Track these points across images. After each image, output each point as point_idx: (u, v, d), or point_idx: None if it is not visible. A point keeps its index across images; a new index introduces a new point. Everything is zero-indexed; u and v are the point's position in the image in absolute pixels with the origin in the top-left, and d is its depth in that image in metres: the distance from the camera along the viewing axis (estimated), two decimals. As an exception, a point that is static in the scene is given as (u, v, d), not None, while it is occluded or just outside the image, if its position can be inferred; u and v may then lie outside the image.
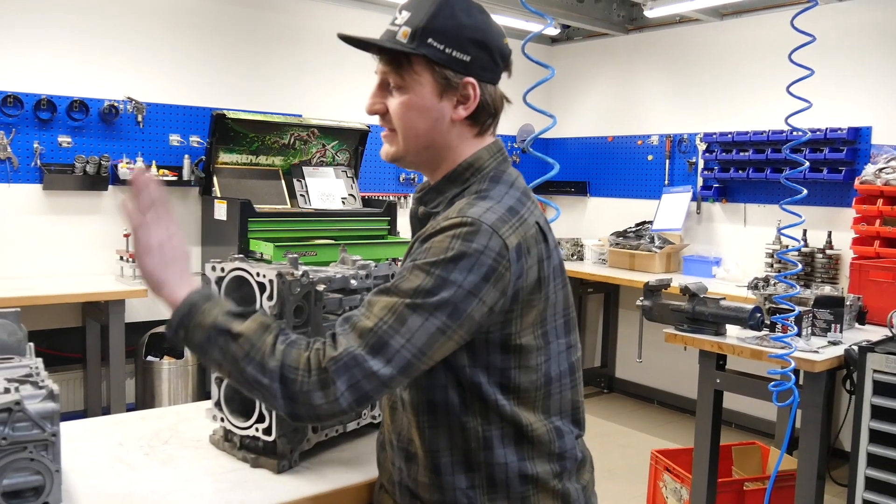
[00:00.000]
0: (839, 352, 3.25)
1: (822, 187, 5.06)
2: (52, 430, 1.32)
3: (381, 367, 1.21)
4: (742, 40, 5.60)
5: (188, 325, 1.28)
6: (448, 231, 1.25)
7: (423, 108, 1.36)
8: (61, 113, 4.52)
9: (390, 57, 1.37)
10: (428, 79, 1.35)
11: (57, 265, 4.59)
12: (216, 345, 1.26)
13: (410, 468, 1.40)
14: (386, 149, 1.43)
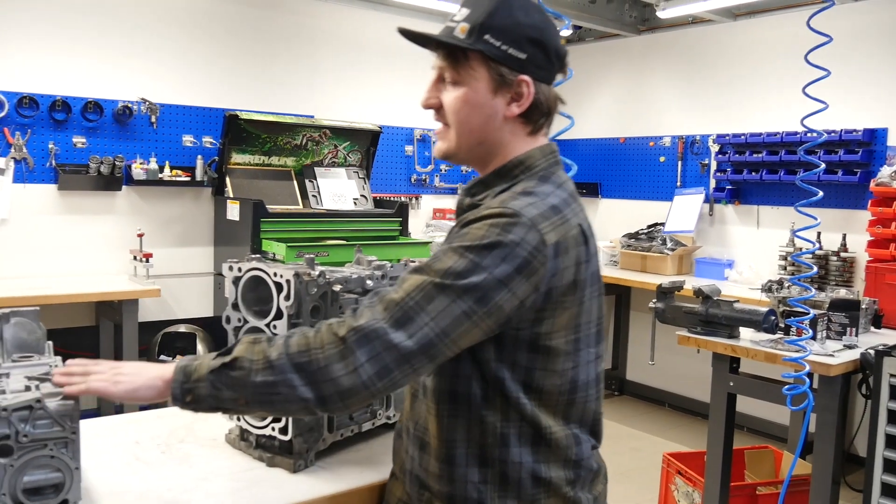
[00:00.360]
0: (855, 355, 3.23)
1: (836, 189, 5.03)
2: (71, 427, 1.33)
3: (402, 340, 1.20)
4: (755, 41, 5.57)
5: (190, 387, 1.28)
6: (487, 220, 1.26)
7: (478, 103, 1.37)
8: (76, 114, 4.55)
9: (447, 52, 1.39)
10: (483, 74, 1.36)
11: (71, 265, 4.62)
12: (221, 385, 1.26)
13: (423, 457, 1.40)
14: (439, 145, 1.45)
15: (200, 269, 5.08)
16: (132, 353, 4.27)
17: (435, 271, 1.24)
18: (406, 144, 6.07)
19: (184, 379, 1.28)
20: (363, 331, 1.20)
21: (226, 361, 1.26)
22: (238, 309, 1.64)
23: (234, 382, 1.25)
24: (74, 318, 4.63)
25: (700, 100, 5.93)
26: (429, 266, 1.25)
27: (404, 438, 1.47)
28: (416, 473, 1.42)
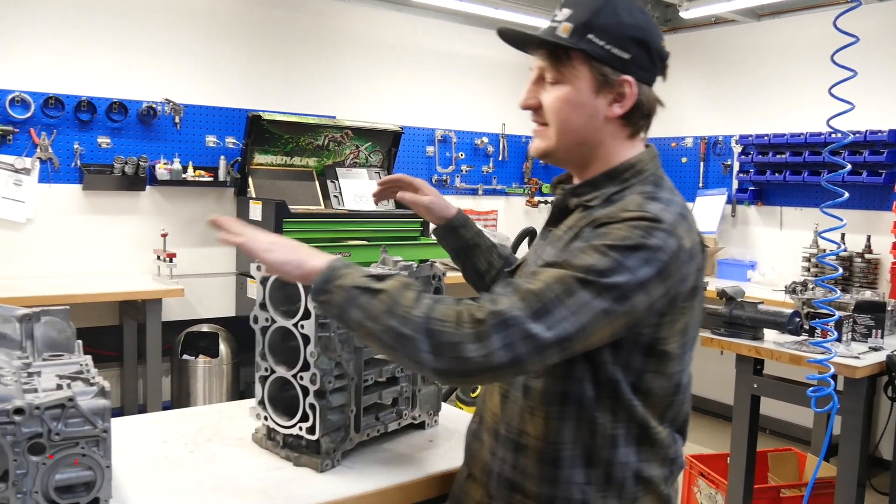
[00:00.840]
0: (880, 358, 3.20)
1: (861, 190, 4.98)
2: (103, 426, 1.34)
3: (541, 332, 1.19)
4: (779, 41, 5.53)
5: (329, 288, 1.29)
6: (629, 222, 1.26)
7: (579, 103, 1.37)
8: (101, 114, 4.59)
9: (549, 51, 1.39)
10: (586, 74, 1.36)
11: (95, 264, 4.66)
12: (356, 304, 1.26)
13: (518, 459, 1.40)
14: (536, 144, 1.45)
15: (223, 269, 5.11)
16: (155, 352, 4.30)
17: (576, 267, 1.23)
18: (427, 145, 6.08)
19: (328, 277, 1.30)
20: (502, 316, 1.19)
21: (373, 287, 1.26)
22: (266, 309, 1.65)
23: (369, 309, 1.25)
24: (98, 317, 4.68)
25: (723, 100, 5.89)
26: (567, 262, 1.24)
27: (487, 440, 1.47)
28: (508, 476, 1.41)
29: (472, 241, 1.80)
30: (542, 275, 1.24)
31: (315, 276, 1.31)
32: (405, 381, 1.83)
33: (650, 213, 1.26)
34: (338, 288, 1.28)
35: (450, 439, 1.84)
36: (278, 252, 1.37)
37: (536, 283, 1.22)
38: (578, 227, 1.35)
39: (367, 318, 1.25)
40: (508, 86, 6.43)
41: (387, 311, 1.23)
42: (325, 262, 1.33)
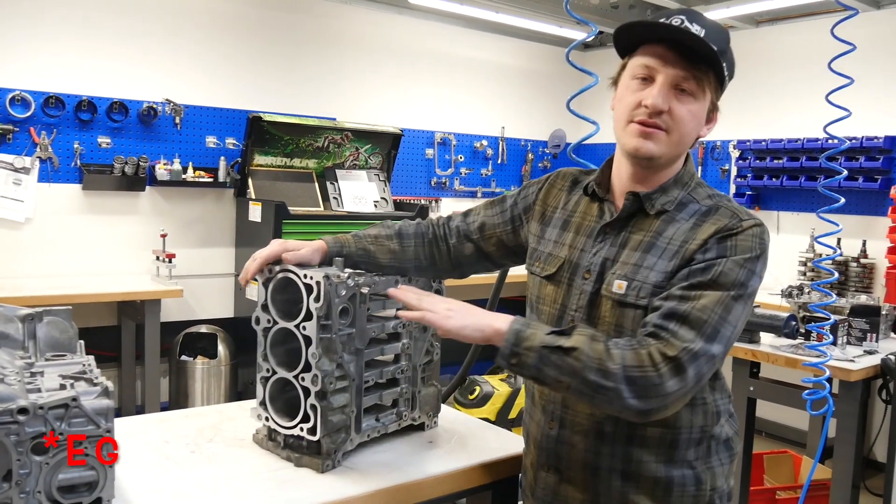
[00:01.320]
0: (875, 361, 3.22)
1: (857, 196, 5.01)
2: (106, 426, 1.35)
3: (717, 350, 1.37)
4: (777, 48, 5.56)
5: (518, 351, 1.39)
6: (747, 231, 1.44)
7: (699, 120, 1.51)
8: (101, 114, 4.60)
9: (699, 64, 1.45)
10: (708, 96, 1.50)
11: (94, 264, 4.67)
12: (550, 363, 1.37)
13: (631, 451, 1.50)
14: (651, 147, 1.49)
15: (222, 270, 5.12)
16: (153, 353, 4.31)
17: (726, 286, 1.39)
18: (427, 147, 6.10)
19: (515, 341, 1.40)
20: (691, 350, 1.34)
21: (564, 346, 1.36)
22: (267, 310, 1.67)
23: (565, 368, 1.36)
24: (97, 317, 4.69)
25: (721, 105, 5.90)
26: (716, 282, 1.39)
27: (583, 442, 1.54)
28: (620, 469, 1.51)
29: (360, 252, 1.78)
30: (703, 300, 1.38)
31: (499, 340, 1.42)
32: (405, 382, 1.84)
33: (754, 218, 1.46)
34: (527, 350, 1.39)
35: (449, 440, 1.86)
36: (456, 318, 1.46)
37: (704, 311, 1.37)
38: (692, 238, 1.46)
39: (563, 375, 1.36)
40: (508, 89, 6.47)
41: (583, 367, 1.34)
42: (506, 324, 1.43)
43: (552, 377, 1.37)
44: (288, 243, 1.68)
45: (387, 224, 1.85)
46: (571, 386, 1.36)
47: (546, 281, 1.64)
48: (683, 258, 1.45)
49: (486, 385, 4.59)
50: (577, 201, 1.68)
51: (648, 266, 1.48)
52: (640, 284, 1.47)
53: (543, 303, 1.64)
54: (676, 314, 1.37)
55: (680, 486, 1.51)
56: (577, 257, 1.59)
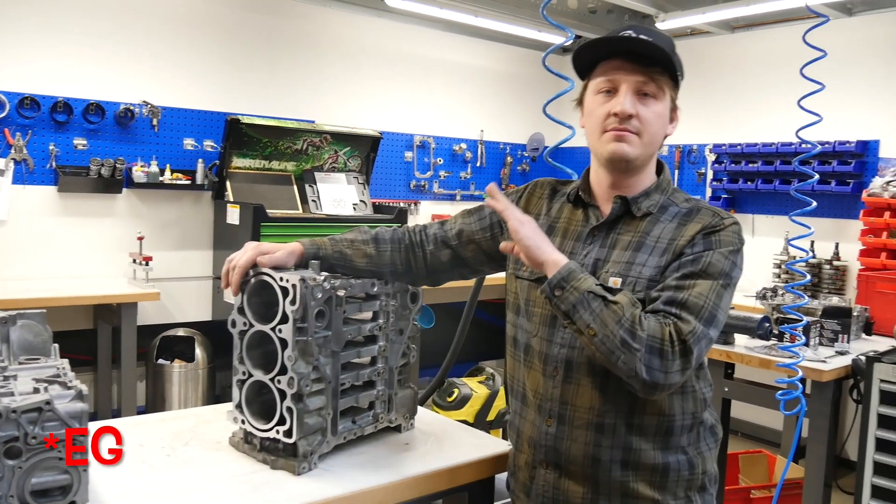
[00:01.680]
0: (846, 362, 3.27)
1: (830, 199, 5.08)
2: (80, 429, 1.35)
3: (713, 333, 1.50)
4: (752, 53, 5.63)
5: (565, 285, 1.47)
6: (729, 227, 1.57)
7: (664, 118, 1.62)
8: (77, 115, 4.57)
9: (654, 67, 1.58)
10: (669, 95, 1.62)
11: (70, 267, 4.63)
12: (589, 307, 1.45)
13: (630, 440, 1.57)
14: (625, 148, 1.60)
15: (199, 273, 5.10)
16: (130, 356, 4.28)
17: (716, 275, 1.52)
18: (406, 150, 6.10)
19: (566, 277, 1.48)
20: (695, 333, 1.45)
21: (607, 298, 1.46)
22: (244, 313, 1.67)
23: (601, 316, 1.45)
24: (72, 321, 4.65)
25: (697, 110, 5.97)
26: (705, 271, 1.52)
27: (584, 435, 1.59)
28: (620, 458, 1.58)
29: (336, 255, 1.79)
30: (697, 287, 1.50)
31: (553, 269, 1.50)
32: (382, 384, 1.85)
33: (731, 217, 1.60)
34: (573, 289, 1.47)
35: (425, 442, 1.87)
36: (528, 228, 1.54)
37: (700, 298, 1.49)
38: (679, 236, 1.58)
39: (595, 322, 1.45)
40: (487, 93, 6.49)
41: (617, 321, 1.43)
42: (563, 258, 1.52)
43: (584, 321, 1.45)
44: (263, 246, 1.69)
45: (363, 229, 1.87)
46: (597, 335, 1.44)
47: (536, 284, 1.67)
48: (674, 253, 1.56)
49: (465, 387, 4.60)
50: (560, 208, 1.75)
51: (640, 263, 1.58)
52: (635, 280, 1.56)
53: (535, 305, 1.68)
54: (676, 301, 1.48)
55: (675, 472, 1.59)
56: (567, 249, 1.67)
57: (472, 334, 3.10)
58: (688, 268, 1.53)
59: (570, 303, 1.46)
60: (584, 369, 1.58)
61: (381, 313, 1.83)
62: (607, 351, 1.44)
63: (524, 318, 1.71)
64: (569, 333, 1.60)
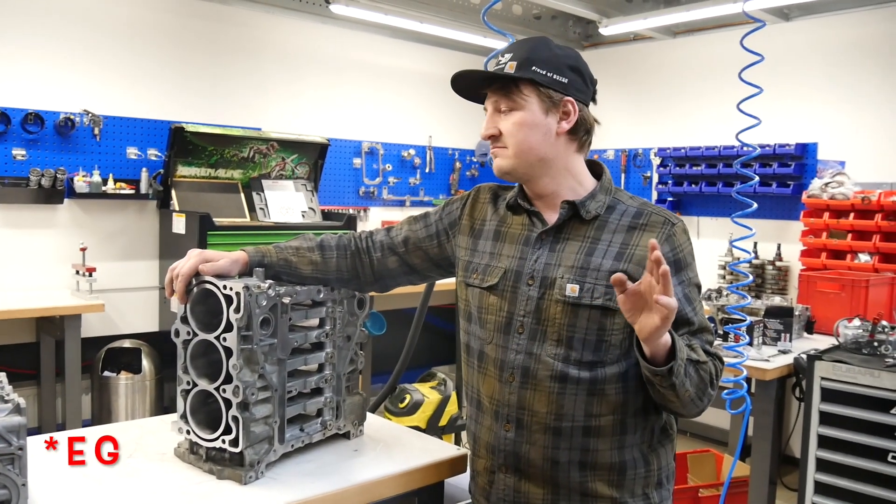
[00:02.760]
0: (789, 360, 3.35)
1: (771, 201, 5.21)
2: (18, 443, 1.32)
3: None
4: (694, 58, 5.75)
5: (676, 368, 1.45)
6: (685, 233, 1.64)
7: (534, 123, 1.61)
8: (15, 125, 4.46)
9: (501, 84, 1.63)
10: (535, 99, 1.61)
11: (10, 280, 4.51)
12: (688, 374, 1.49)
13: (589, 441, 1.59)
14: (499, 163, 1.66)
15: (145, 283, 5.01)
16: (74, 369, 4.19)
17: (694, 283, 1.62)
18: (354, 157, 6.09)
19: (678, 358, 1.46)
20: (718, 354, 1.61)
21: (700, 360, 1.52)
22: (187, 322, 1.65)
23: (694, 379, 1.50)
24: (13, 334, 4.53)
25: (642, 114, 6.08)
26: (690, 280, 1.61)
27: (542, 439, 1.60)
28: (579, 460, 1.60)
29: (281, 263, 1.79)
30: (697, 302, 1.61)
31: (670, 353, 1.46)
32: (329, 391, 1.84)
33: (678, 217, 1.65)
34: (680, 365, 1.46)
35: (375, 448, 1.87)
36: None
37: (699, 311, 1.60)
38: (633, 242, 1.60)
39: (692, 384, 1.50)
40: (435, 98, 6.50)
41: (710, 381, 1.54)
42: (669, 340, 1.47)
43: (684, 387, 1.49)
44: (206, 253, 1.67)
45: (309, 237, 1.86)
46: (691, 395, 1.51)
47: (488, 291, 1.68)
48: (634, 262, 1.58)
49: (416, 393, 4.59)
50: (504, 214, 1.76)
51: (595, 268, 1.59)
52: (593, 285, 1.57)
53: (488, 312, 1.68)
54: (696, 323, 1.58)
55: (632, 469, 1.62)
56: (518, 265, 1.66)
57: (424, 340, 3.11)
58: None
59: (681, 375, 1.47)
60: (540, 375, 1.59)
61: (327, 320, 1.83)
62: (691, 403, 1.53)
63: (476, 325, 1.72)
64: (524, 339, 1.61)
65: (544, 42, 1.65)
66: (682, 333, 1.55)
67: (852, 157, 4.89)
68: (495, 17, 5.62)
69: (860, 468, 3.00)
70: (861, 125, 4.89)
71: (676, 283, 1.57)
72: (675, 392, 1.48)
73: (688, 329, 1.56)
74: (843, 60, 4.96)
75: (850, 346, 3.28)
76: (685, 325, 1.56)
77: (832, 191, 4.68)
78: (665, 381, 1.46)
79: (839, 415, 3.06)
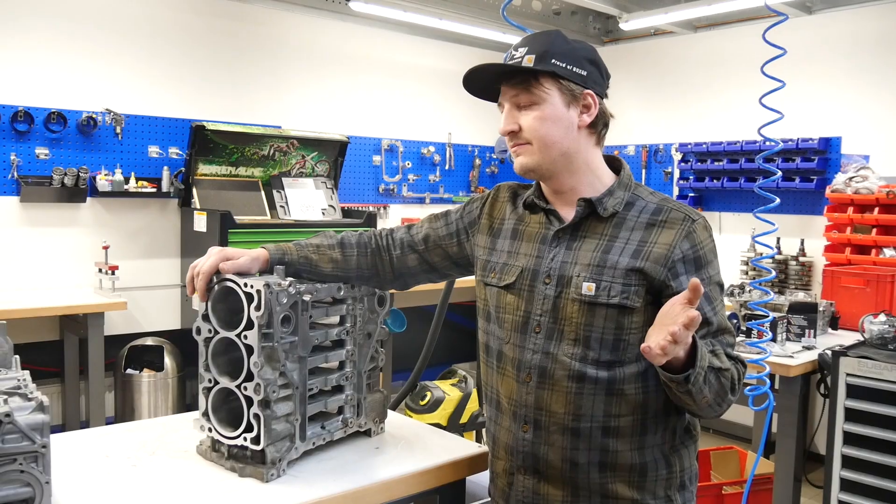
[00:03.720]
0: (813, 356, 3.31)
1: (794, 196, 5.15)
2: (42, 441, 1.33)
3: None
4: (715, 52, 5.69)
5: (696, 375, 1.42)
6: (705, 229, 1.60)
7: (556, 117, 1.58)
8: (39, 125, 4.50)
9: (521, 79, 1.59)
10: (556, 92, 1.58)
11: (34, 278, 4.56)
12: (708, 381, 1.46)
13: (608, 441, 1.57)
14: (522, 160, 1.62)
15: (167, 281, 5.04)
16: (98, 367, 4.22)
17: (715, 282, 1.59)
18: (374, 154, 6.09)
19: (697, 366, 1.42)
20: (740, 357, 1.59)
21: (723, 367, 1.49)
22: (208, 320, 1.65)
23: (715, 387, 1.48)
24: (37, 332, 4.57)
25: (663, 109, 6.03)
26: (711, 278, 1.57)
27: (561, 440, 1.58)
28: (598, 461, 1.58)
29: (302, 261, 1.79)
30: (718, 301, 1.58)
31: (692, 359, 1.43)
32: (350, 389, 1.84)
33: (700, 214, 1.61)
34: (701, 369, 1.43)
35: (396, 446, 1.86)
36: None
37: (719, 311, 1.57)
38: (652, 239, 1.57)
39: (711, 391, 1.48)
40: (454, 95, 6.49)
41: (731, 388, 1.52)
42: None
43: (702, 393, 1.46)
44: (226, 251, 1.67)
45: (329, 234, 1.86)
46: (710, 402, 1.49)
47: (505, 290, 1.67)
48: (653, 260, 1.54)
49: (437, 390, 4.58)
50: (522, 212, 1.74)
51: (612, 265, 1.56)
52: (609, 284, 1.54)
53: (505, 311, 1.67)
54: (715, 323, 1.55)
55: (653, 471, 1.59)
56: (535, 264, 1.64)
57: (445, 337, 3.10)
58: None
59: (699, 383, 1.44)
60: (557, 375, 1.57)
61: (348, 317, 1.82)
62: (708, 408, 1.51)
63: (495, 324, 1.70)
64: (541, 339, 1.59)
65: (560, 35, 1.61)
66: (702, 334, 1.52)
67: (876, 151, 4.83)
68: (515, 13, 5.60)
69: (886, 465, 2.96)
70: (885, 119, 4.82)
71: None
72: (691, 397, 1.45)
73: (707, 329, 1.53)
74: (867, 53, 4.89)
75: (875, 341, 3.23)
76: (704, 325, 1.52)
77: (856, 185, 4.63)
78: (681, 387, 1.43)
79: (865, 411, 3.02)
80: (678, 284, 1.53)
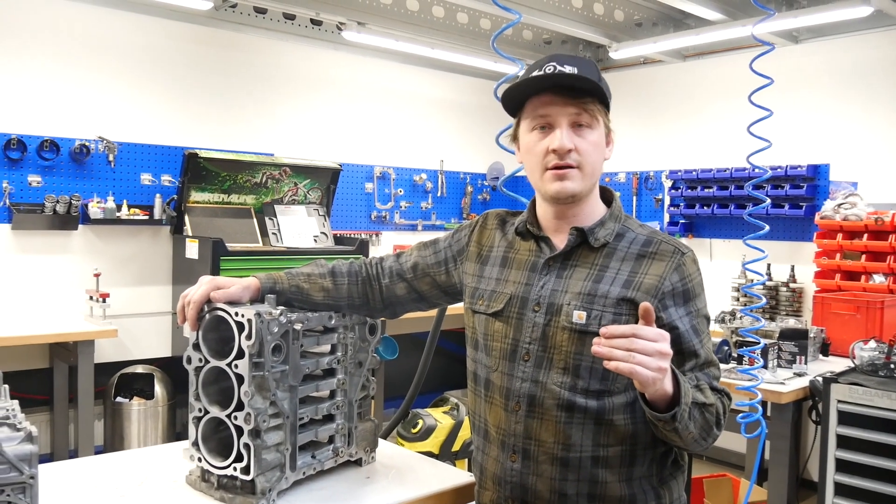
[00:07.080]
0: (804, 383, 3.32)
1: (784, 222, 5.19)
2: (30, 472, 1.32)
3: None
4: (704, 80, 5.76)
5: (680, 413, 1.41)
6: (694, 263, 1.61)
7: (601, 146, 1.61)
8: (31, 152, 4.51)
9: (586, 98, 1.56)
10: (602, 121, 1.60)
11: (25, 305, 4.54)
12: (693, 417, 1.45)
13: (597, 472, 1.56)
14: (568, 185, 1.58)
15: (158, 309, 5.03)
16: (87, 395, 4.19)
17: (704, 315, 1.59)
18: (366, 181, 6.11)
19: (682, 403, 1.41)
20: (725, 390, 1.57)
21: (706, 403, 1.48)
22: (199, 349, 1.65)
23: (700, 422, 1.47)
24: (27, 360, 4.55)
25: (653, 137, 6.08)
26: (699, 311, 1.57)
27: (550, 471, 1.57)
28: (587, 492, 1.56)
29: (293, 290, 1.79)
30: (705, 335, 1.56)
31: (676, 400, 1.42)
32: (341, 418, 1.83)
33: (688, 247, 1.62)
34: (685, 408, 1.42)
35: (387, 475, 1.85)
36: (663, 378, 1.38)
37: (708, 344, 1.57)
38: (642, 270, 1.57)
39: (696, 427, 1.46)
40: (446, 123, 6.54)
41: (716, 421, 1.50)
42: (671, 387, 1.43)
43: (687, 432, 1.45)
44: (217, 280, 1.67)
45: (320, 263, 1.86)
46: (697, 439, 1.48)
47: (494, 318, 1.66)
48: (643, 290, 1.54)
49: (429, 418, 4.57)
50: (512, 239, 1.73)
51: (603, 295, 1.55)
52: (601, 313, 1.54)
53: (493, 339, 1.66)
54: (701, 354, 1.54)
55: (642, 502, 1.58)
56: (524, 291, 1.63)
57: (436, 364, 3.09)
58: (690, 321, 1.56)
59: (685, 421, 1.42)
60: (546, 404, 1.56)
61: (339, 346, 1.82)
62: (694, 443, 1.50)
63: (483, 352, 1.70)
64: (530, 367, 1.58)
65: (597, 67, 1.62)
66: (688, 367, 1.52)
67: (865, 178, 4.87)
68: (505, 43, 5.65)
69: (879, 492, 2.95)
70: (873, 146, 4.87)
71: (685, 314, 1.55)
72: (677, 434, 1.44)
73: (694, 362, 1.53)
74: (853, 82, 4.96)
75: (866, 368, 3.24)
76: (692, 357, 1.52)
77: (845, 212, 4.66)
78: (668, 425, 1.42)
79: (857, 438, 3.02)
80: (668, 316, 1.53)
